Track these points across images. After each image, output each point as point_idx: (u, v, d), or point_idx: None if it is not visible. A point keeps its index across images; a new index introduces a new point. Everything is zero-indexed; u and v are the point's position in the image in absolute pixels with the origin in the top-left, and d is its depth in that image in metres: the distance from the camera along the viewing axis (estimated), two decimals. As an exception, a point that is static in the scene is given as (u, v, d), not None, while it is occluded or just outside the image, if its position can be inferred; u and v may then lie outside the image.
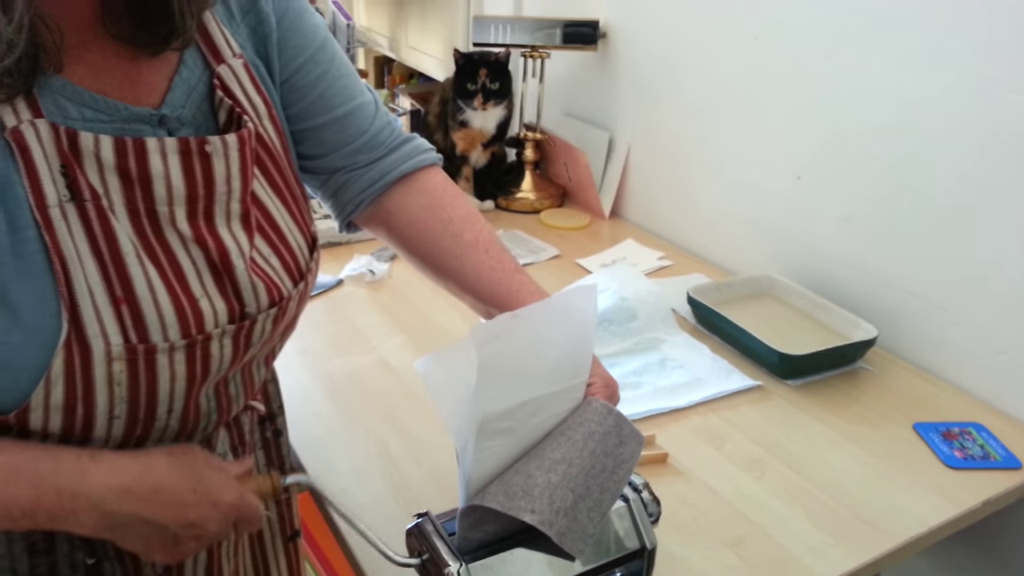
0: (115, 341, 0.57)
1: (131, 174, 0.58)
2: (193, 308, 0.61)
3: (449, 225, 0.79)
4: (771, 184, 1.39)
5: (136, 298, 0.58)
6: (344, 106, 0.77)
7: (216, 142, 0.62)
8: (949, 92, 1.09)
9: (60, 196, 0.55)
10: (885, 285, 1.23)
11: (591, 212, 1.74)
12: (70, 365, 0.56)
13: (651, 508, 0.70)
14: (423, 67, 2.46)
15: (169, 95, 0.63)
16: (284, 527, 0.89)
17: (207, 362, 0.63)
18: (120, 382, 0.58)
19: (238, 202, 0.65)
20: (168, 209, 0.60)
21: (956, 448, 1.01)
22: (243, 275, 0.64)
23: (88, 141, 0.56)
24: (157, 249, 0.60)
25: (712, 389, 1.11)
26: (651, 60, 1.59)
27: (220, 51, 0.66)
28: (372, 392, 1.09)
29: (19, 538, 0.65)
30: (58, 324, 0.55)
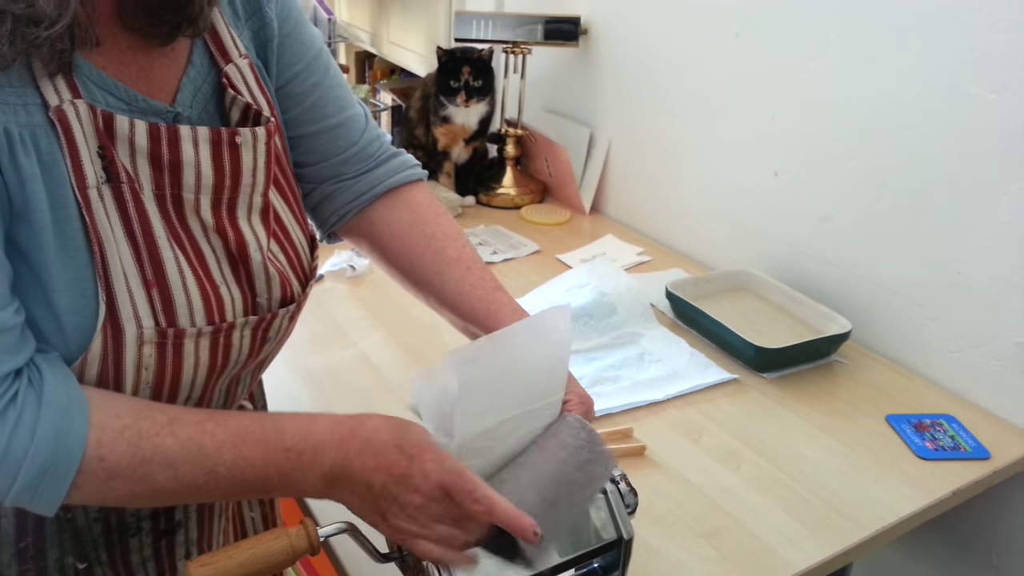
0: (147, 324, 0.58)
1: (162, 160, 0.59)
2: (215, 295, 0.62)
3: (432, 240, 0.80)
4: (749, 181, 1.41)
5: (167, 282, 0.59)
6: (336, 116, 0.78)
7: (246, 134, 0.63)
8: (927, 92, 1.11)
9: (98, 177, 0.56)
10: (861, 280, 1.25)
11: (571, 208, 1.75)
12: (104, 348, 0.57)
13: (628, 499, 0.71)
14: (405, 63, 2.46)
15: (179, 94, 0.63)
16: (268, 527, 0.89)
17: (228, 352, 0.64)
18: (148, 366, 0.59)
19: (260, 196, 0.66)
20: (194, 197, 0.61)
21: (927, 439, 1.03)
22: (259, 267, 0.65)
23: (124, 124, 0.57)
24: (182, 235, 0.61)
25: (689, 382, 1.12)
26: (632, 57, 1.60)
27: (228, 51, 0.67)
28: (353, 387, 1.10)
29: (8, 544, 0.65)
30: (95, 306, 0.56)
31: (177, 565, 0.74)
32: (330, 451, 0.59)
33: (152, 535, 0.72)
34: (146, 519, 0.71)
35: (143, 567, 0.72)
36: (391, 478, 0.59)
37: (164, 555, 0.73)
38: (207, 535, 0.76)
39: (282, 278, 0.67)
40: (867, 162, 1.21)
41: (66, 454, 0.53)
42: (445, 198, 1.69)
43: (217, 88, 0.66)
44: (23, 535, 0.65)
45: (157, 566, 0.73)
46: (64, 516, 0.66)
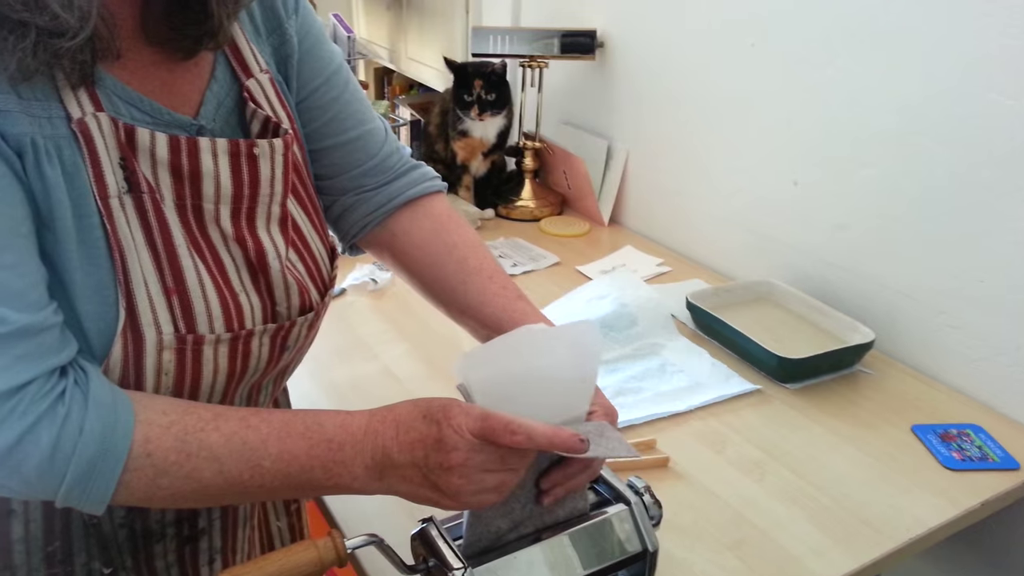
0: (166, 330, 0.59)
1: (182, 171, 0.61)
2: (235, 302, 0.63)
3: (454, 250, 0.81)
4: (768, 190, 1.40)
5: (187, 289, 0.60)
6: (355, 129, 0.79)
7: (264, 145, 0.65)
8: (943, 97, 1.11)
9: (119, 187, 0.58)
10: (883, 289, 1.24)
11: (590, 219, 1.76)
12: (125, 353, 0.58)
13: (652, 511, 0.71)
14: (423, 78, 2.48)
15: (203, 108, 0.65)
16: (294, 537, 0.90)
17: (247, 359, 0.65)
18: (168, 371, 0.60)
19: (278, 205, 0.67)
20: (214, 207, 0.63)
21: (954, 449, 1.02)
22: (277, 276, 0.66)
23: (144, 137, 0.59)
24: (202, 244, 0.62)
25: (712, 393, 1.12)
26: (649, 68, 1.61)
27: (248, 66, 0.68)
28: (376, 400, 1.09)
29: (37, 548, 0.66)
30: (116, 312, 0.57)
31: (200, 571, 0.75)
32: (368, 441, 0.60)
33: (176, 541, 0.73)
34: (170, 525, 0.72)
35: (167, 572, 0.73)
36: (429, 447, 0.59)
37: (188, 561, 0.74)
38: (231, 543, 0.77)
39: (300, 287, 0.68)
40: (885, 169, 1.20)
41: (113, 449, 0.54)
42: (464, 211, 1.70)
43: (239, 102, 0.68)
44: (51, 539, 0.66)
45: (181, 572, 0.74)
46: (90, 521, 0.67)
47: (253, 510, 0.81)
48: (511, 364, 0.62)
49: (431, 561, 0.66)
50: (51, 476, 0.53)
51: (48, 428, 0.52)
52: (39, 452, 0.52)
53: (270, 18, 0.72)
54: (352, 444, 0.60)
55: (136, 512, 0.69)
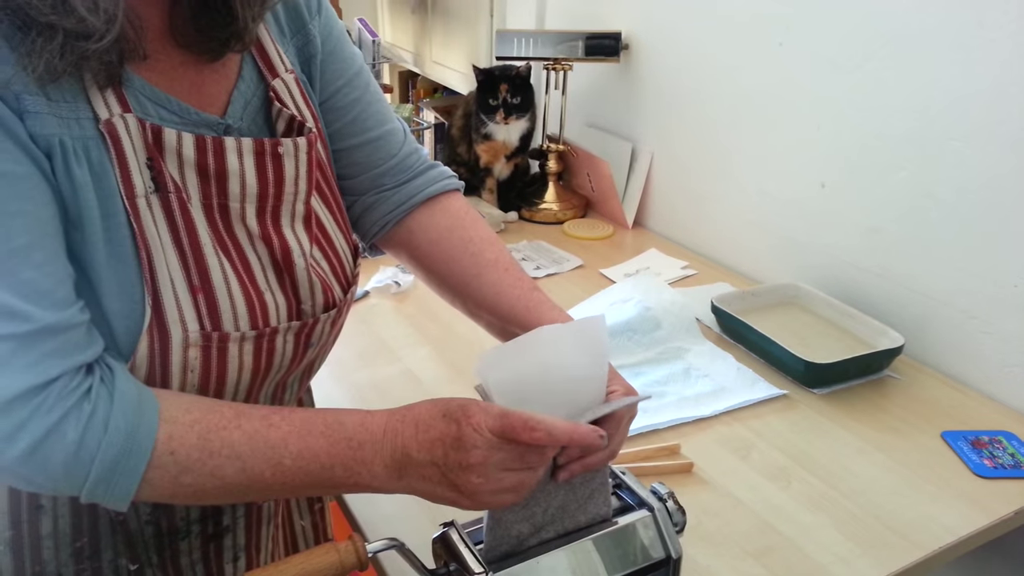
0: (192, 328, 0.60)
1: (209, 170, 0.61)
2: (260, 301, 0.64)
3: (469, 245, 0.81)
4: (795, 192, 1.39)
5: (212, 288, 0.61)
6: (376, 130, 0.80)
7: (288, 144, 0.66)
8: (977, 99, 1.09)
9: (146, 187, 0.58)
10: (913, 293, 1.22)
11: (614, 222, 1.75)
12: (151, 350, 0.59)
13: (676, 517, 0.71)
14: (447, 81, 2.49)
15: (230, 107, 0.66)
16: (318, 536, 0.91)
17: (271, 356, 0.66)
18: (194, 368, 0.61)
19: (303, 204, 0.68)
20: (240, 205, 0.63)
21: (986, 457, 1.00)
22: (302, 273, 0.67)
23: (171, 137, 0.59)
24: (228, 243, 0.63)
25: (737, 398, 1.11)
26: (674, 70, 1.60)
27: (274, 66, 0.69)
28: (398, 403, 1.09)
29: (66, 544, 0.67)
30: (142, 310, 0.58)
31: (224, 568, 0.76)
32: (388, 440, 0.60)
33: (201, 538, 0.73)
34: (195, 523, 0.72)
35: (192, 569, 0.73)
36: (448, 446, 0.59)
37: (212, 559, 0.75)
38: (255, 540, 0.78)
39: (324, 284, 0.69)
40: (915, 172, 1.19)
41: (138, 447, 0.55)
42: (488, 214, 1.70)
43: (265, 101, 0.68)
44: (79, 535, 0.67)
45: (205, 569, 0.74)
46: (117, 519, 0.68)
47: (277, 508, 0.81)
48: (526, 364, 0.62)
49: (452, 565, 0.66)
50: (76, 472, 0.54)
51: (74, 425, 0.53)
52: (64, 448, 0.53)
53: (294, 19, 0.73)
54: (372, 443, 0.60)
55: (162, 509, 0.70)
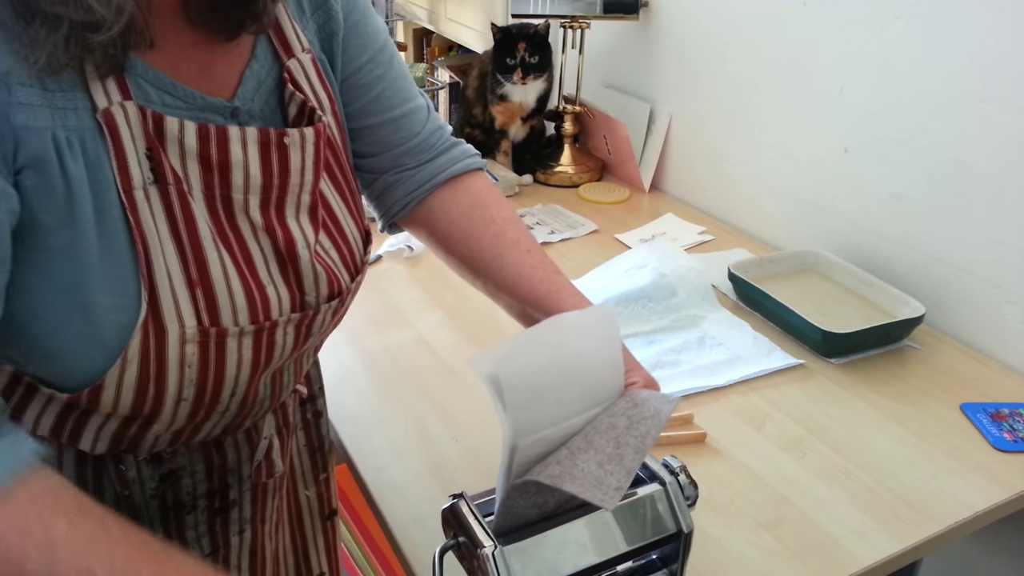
0: (189, 324, 0.58)
1: (211, 161, 0.59)
2: (261, 295, 0.62)
3: (491, 225, 0.79)
4: (817, 157, 1.35)
5: (211, 282, 0.59)
6: (399, 108, 0.78)
7: (295, 135, 0.63)
8: (1004, 62, 1.05)
9: (144, 178, 0.56)
10: (935, 261, 1.20)
11: (631, 186, 1.72)
12: (146, 346, 0.57)
13: (688, 491, 0.70)
14: (462, 39, 2.44)
15: (240, 88, 0.63)
16: (322, 506, 0.91)
17: (271, 348, 0.64)
18: (191, 364, 0.59)
19: (308, 194, 0.66)
20: (243, 197, 0.61)
21: (1006, 430, 0.98)
22: (307, 265, 0.65)
23: (173, 126, 0.57)
24: (230, 235, 0.61)
25: (752, 368, 1.09)
26: (694, 29, 1.55)
27: (291, 45, 0.67)
28: (410, 369, 1.10)
29: None
30: (137, 305, 0.56)
31: (231, 541, 0.76)
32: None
33: (207, 512, 0.73)
34: (201, 498, 0.72)
35: (197, 543, 0.73)
36: None
37: (218, 531, 0.75)
38: (260, 512, 0.78)
39: (329, 274, 0.67)
40: (941, 137, 1.15)
41: None
42: (502, 177, 1.67)
43: (279, 82, 0.66)
44: None
45: (211, 541, 0.74)
46: (122, 493, 0.68)
47: (282, 481, 0.81)
48: (538, 356, 0.60)
49: (461, 537, 0.65)
50: None
51: None
52: None
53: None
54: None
55: (168, 483, 0.69)
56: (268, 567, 0.81)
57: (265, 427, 0.75)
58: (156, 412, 0.61)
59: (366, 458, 0.93)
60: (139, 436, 0.65)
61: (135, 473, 0.68)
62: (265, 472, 0.77)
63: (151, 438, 0.66)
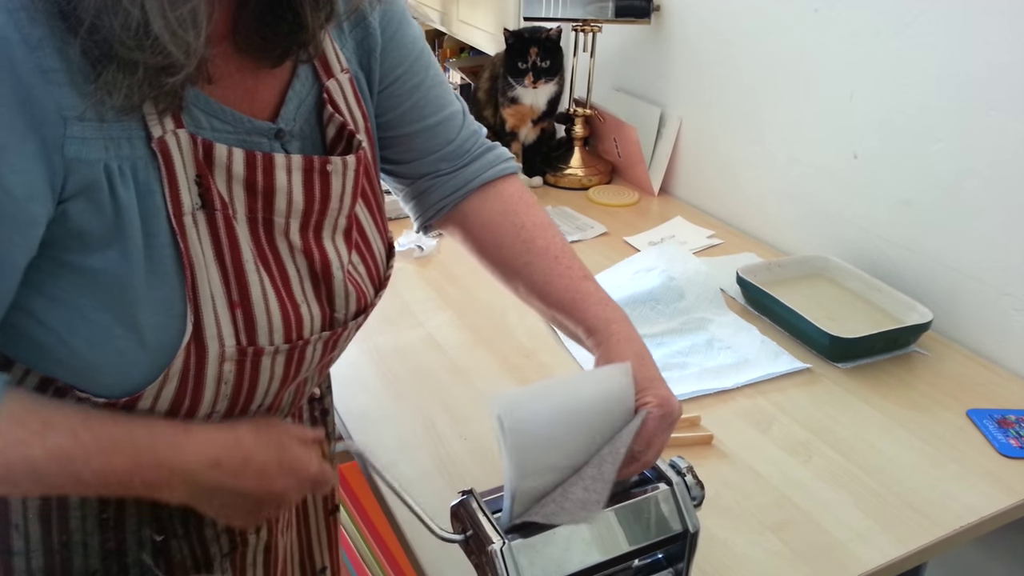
0: (228, 343, 0.59)
1: (257, 187, 0.60)
2: (295, 314, 0.63)
3: (521, 231, 0.80)
4: (827, 162, 1.36)
5: (251, 303, 0.60)
6: (436, 115, 0.78)
7: (337, 162, 0.65)
8: (1014, 69, 1.05)
9: (193, 204, 0.57)
10: (943, 268, 1.20)
11: (640, 189, 1.73)
12: (187, 364, 0.58)
13: (694, 492, 0.70)
14: (474, 41, 2.45)
15: (283, 109, 0.64)
16: (327, 502, 0.92)
17: (300, 364, 0.66)
18: (227, 381, 0.61)
19: (345, 217, 0.67)
20: (284, 220, 0.63)
21: (1012, 436, 0.98)
22: (340, 284, 0.67)
23: (222, 153, 0.58)
24: (269, 257, 0.62)
25: (760, 371, 1.10)
26: (706, 33, 1.56)
27: (330, 66, 0.67)
28: (419, 368, 1.11)
29: (92, 514, 0.68)
30: (182, 326, 0.57)
31: (248, 539, 0.77)
32: (203, 470, 0.60)
33: None
34: None
35: (216, 540, 0.74)
36: (271, 494, 0.63)
37: (237, 530, 0.75)
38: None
39: (358, 291, 0.69)
40: (951, 144, 1.15)
41: None
42: (512, 179, 1.68)
43: (318, 102, 0.67)
44: (106, 507, 0.68)
45: (230, 539, 0.75)
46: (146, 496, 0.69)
47: None
48: (547, 405, 0.64)
49: (469, 532, 0.66)
50: None
51: None
52: None
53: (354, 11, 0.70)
54: (182, 473, 0.59)
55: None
56: (279, 564, 0.82)
57: None
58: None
59: (375, 455, 0.94)
60: None
61: None
62: None
63: None
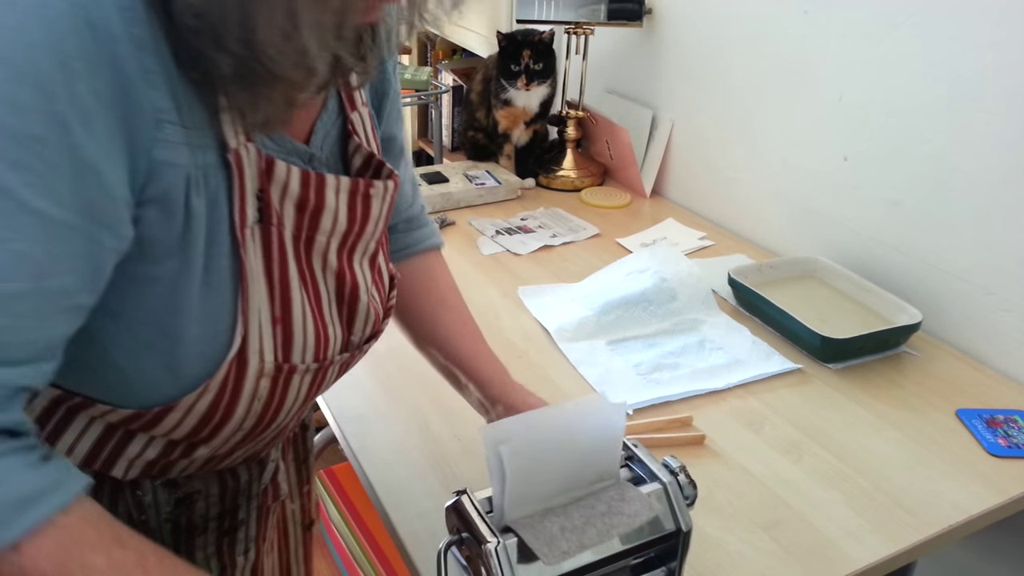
0: (268, 359, 0.60)
1: (307, 205, 0.61)
2: (325, 334, 0.64)
3: (437, 289, 0.88)
4: (817, 164, 1.37)
5: (291, 321, 0.61)
6: (406, 178, 0.83)
7: (379, 186, 0.67)
8: (1003, 73, 1.06)
9: (253, 217, 0.57)
10: (933, 269, 1.21)
11: (632, 191, 1.74)
12: (226, 378, 0.58)
13: (687, 491, 0.71)
14: (466, 43, 2.46)
15: (313, 136, 0.65)
16: (304, 518, 0.92)
17: (321, 384, 0.67)
18: (261, 397, 0.61)
19: (374, 242, 0.69)
20: (326, 240, 0.63)
21: (1000, 436, 1.00)
22: (364, 308, 0.68)
23: (281, 170, 0.58)
24: (307, 275, 0.63)
25: (751, 371, 1.10)
26: (697, 36, 1.57)
27: (354, 98, 0.69)
28: (413, 367, 1.11)
29: None
30: (228, 339, 0.57)
31: (236, 560, 0.77)
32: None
33: (217, 533, 0.74)
34: (213, 519, 0.73)
35: (206, 563, 0.74)
36: None
37: (225, 552, 0.75)
38: (263, 530, 0.79)
39: (376, 316, 0.70)
40: (940, 145, 1.17)
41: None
42: (505, 180, 1.69)
43: (342, 133, 0.68)
44: None
45: (219, 562, 0.75)
46: (138, 518, 0.68)
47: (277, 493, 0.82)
48: (539, 436, 0.65)
49: (464, 532, 0.67)
50: None
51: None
52: None
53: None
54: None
55: (182, 508, 0.70)
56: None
57: (272, 450, 0.77)
58: (210, 438, 0.62)
59: (370, 455, 0.94)
60: (176, 461, 0.66)
61: (151, 498, 0.68)
62: (272, 495, 0.79)
63: (184, 463, 0.67)
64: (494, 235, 1.50)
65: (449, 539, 0.67)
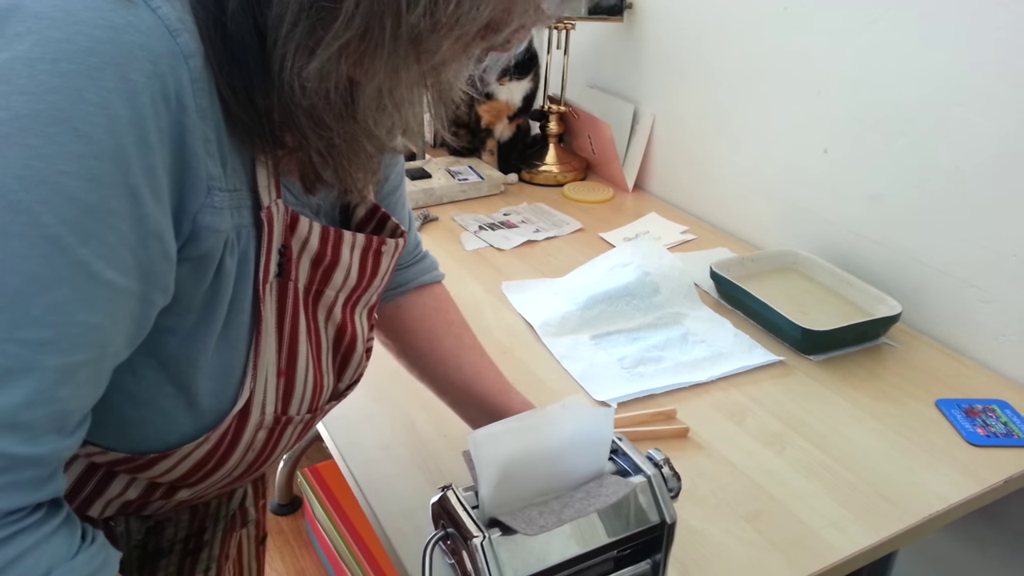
0: (269, 412, 0.59)
1: (323, 260, 0.61)
2: (320, 384, 0.64)
3: (451, 327, 0.87)
4: (798, 159, 1.38)
5: (295, 373, 0.61)
6: (405, 214, 0.83)
7: (391, 244, 0.67)
8: (979, 67, 1.07)
9: (273, 272, 0.57)
10: (912, 261, 1.22)
11: (615, 185, 1.74)
12: (227, 430, 0.57)
13: (671, 483, 0.71)
14: (447, 38, 2.45)
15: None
16: (258, 532, 0.91)
17: (306, 431, 0.67)
18: (255, 447, 0.61)
19: (376, 295, 0.69)
20: (335, 294, 0.64)
21: (979, 425, 1.01)
22: (357, 358, 0.68)
23: (304, 226, 0.58)
24: (311, 328, 0.63)
25: (734, 364, 1.11)
26: (678, 31, 1.57)
27: None
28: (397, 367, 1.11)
29: None
30: (235, 392, 0.57)
31: None
32: None
33: (180, 555, 0.74)
34: (179, 542, 0.73)
35: None
36: None
37: (187, 571, 0.75)
38: (226, 549, 0.79)
39: (362, 363, 0.71)
40: (918, 139, 1.18)
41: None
42: (488, 175, 1.69)
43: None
44: None
45: None
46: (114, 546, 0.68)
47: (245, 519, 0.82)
48: (525, 444, 0.65)
49: (450, 528, 0.67)
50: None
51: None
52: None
53: None
54: None
55: (152, 532, 0.70)
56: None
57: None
58: (197, 483, 0.61)
59: (355, 454, 0.94)
60: (155, 502, 0.65)
61: (123, 528, 0.68)
62: (240, 521, 0.79)
63: (162, 503, 0.66)
64: (477, 231, 1.50)
65: (435, 535, 0.67)
